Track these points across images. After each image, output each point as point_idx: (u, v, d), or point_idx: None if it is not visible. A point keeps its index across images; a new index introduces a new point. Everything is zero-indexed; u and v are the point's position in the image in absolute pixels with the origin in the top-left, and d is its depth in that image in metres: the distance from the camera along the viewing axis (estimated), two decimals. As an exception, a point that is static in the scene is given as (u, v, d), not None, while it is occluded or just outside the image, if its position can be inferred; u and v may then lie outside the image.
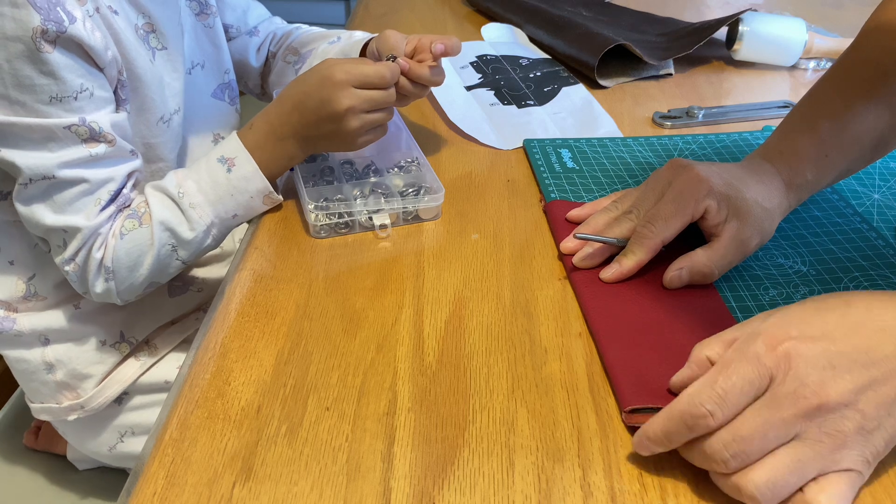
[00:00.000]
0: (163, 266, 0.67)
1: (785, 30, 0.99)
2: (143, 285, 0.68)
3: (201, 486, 0.43)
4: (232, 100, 0.85)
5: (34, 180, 0.62)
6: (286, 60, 0.88)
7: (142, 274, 0.66)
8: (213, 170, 0.66)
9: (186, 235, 0.66)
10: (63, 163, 0.61)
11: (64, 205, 0.63)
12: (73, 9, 0.59)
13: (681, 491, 0.42)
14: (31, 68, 0.58)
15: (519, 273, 0.60)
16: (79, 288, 0.68)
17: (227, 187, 0.66)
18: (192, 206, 0.65)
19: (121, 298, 0.68)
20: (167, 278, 0.70)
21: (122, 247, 0.65)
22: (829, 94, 0.62)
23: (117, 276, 0.66)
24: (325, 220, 0.64)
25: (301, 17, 1.04)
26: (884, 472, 0.43)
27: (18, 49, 0.57)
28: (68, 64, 0.59)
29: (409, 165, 0.73)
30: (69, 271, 0.66)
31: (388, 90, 0.66)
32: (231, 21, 0.87)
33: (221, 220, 0.67)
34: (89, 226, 0.63)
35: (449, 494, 0.42)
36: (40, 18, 0.56)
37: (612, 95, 0.93)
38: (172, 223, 0.65)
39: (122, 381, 0.80)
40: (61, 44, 0.58)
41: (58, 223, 0.63)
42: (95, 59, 0.61)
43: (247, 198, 0.67)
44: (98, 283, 0.66)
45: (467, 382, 0.50)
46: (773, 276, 0.59)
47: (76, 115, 0.61)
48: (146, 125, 0.71)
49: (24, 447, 0.93)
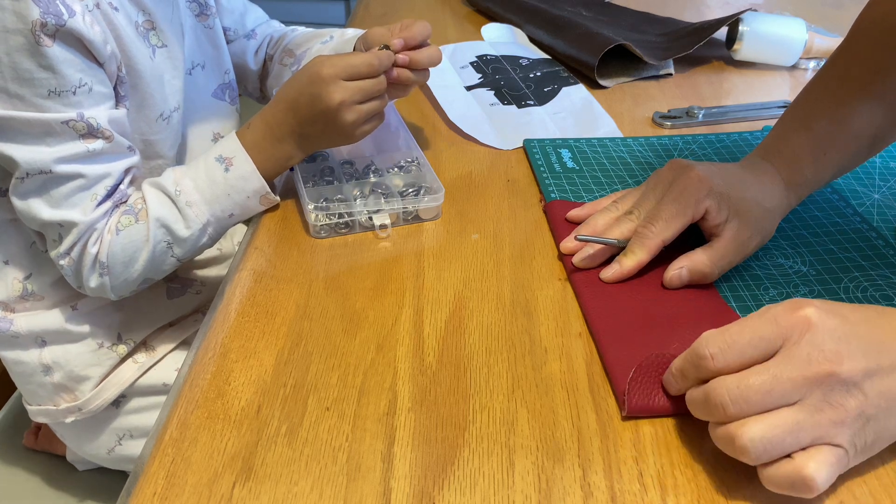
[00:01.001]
0: (157, 263, 0.67)
1: (785, 30, 0.99)
2: (138, 281, 0.68)
3: (201, 486, 0.43)
4: (232, 99, 0.85)
5: (31, 174, 0.62)
6: (282, 63, 0.88)
7: (136, 270, 0.66)
8: (211, 169, 0.66)
9: (182, 233, 0.66)
10: (60, 158, 0.61)
11: (60, 199, 0.63)
12: (73, 3, 0.59)
13: (681, 491, 0.42)
14: (30, 62, 0.58)
15: (519, 273, 0.60)
16: (73, 282, 0.68)
17: (225, 186, 0.66)
18: (189, 204, 0.65)
19: (115, 294, 0.68)
20: (162, 275, 0.70)
21: (117, 242, 0.65)
22: (823, 92, 0.62)
23: (112, 272, 0.66)
24: (325, 220, 0.64)
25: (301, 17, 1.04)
26: (884, 472, 0.43)
27: (18, 42, 0.57)
28: (67, 58, 0.59)
29: (409, 165, 0.72)
30: (64, 265, 0.66)
31: (379, 78, 0.66)
32: (229, 24, 0.87)
33: (218, 220, 0.67)
34: (85, 221, 0.64)
35: (449, 494, 0.42)
36: (39, 11, 0.57)
37: (612, 95, 0.93)
38: (168, 220, 0.65)
39: (120, 384, 0.79)
40: (60, 37, 0.58)
41: (54, 217, 0.63)
42: (94, 54, 0.61)
43: (243, 198, 0.67)
44: (92, 278, 0.66)
45: (467, 382, 0.50)
46: (773, 276, 0.59)
47: (74, 109, 0.61)
48: (146, 122, 0.71)
49: (24, 448, 0.93)
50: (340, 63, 0.64)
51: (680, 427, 0.46)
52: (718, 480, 0.43)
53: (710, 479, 0.43)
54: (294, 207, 0.69)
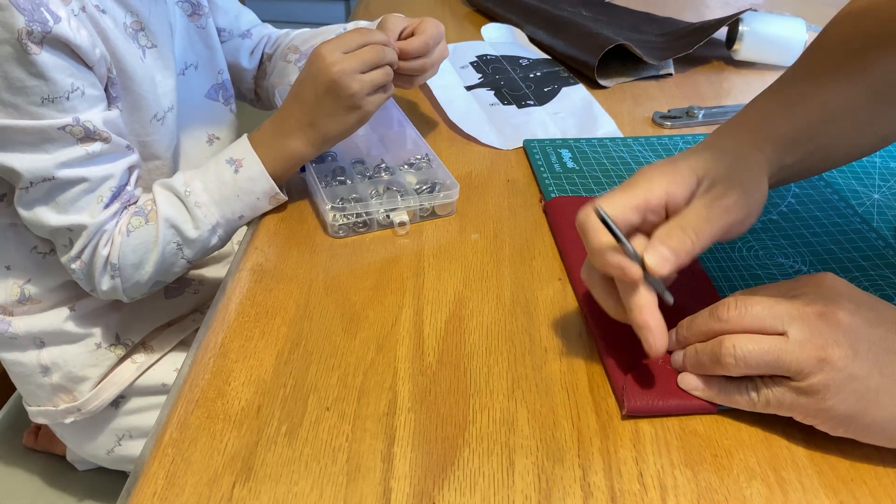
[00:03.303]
0: (168, 264, 0.67)
1: (785, 30, 0.99)
2: (149, 283, 0.68)
3: (201, 486, 0.43)
4: (226, 100, 0.85)
5: (35, 183, 0.62)
6: (287, 60, 0.88)
7: (147, 271, 0.66)
8: (221, 170, 0.67)
9: (191, 234, 0.66)
10: (61, 163, 0.61)
11: (66, 204, 0.63)
12: (58, 8, 0.59)
13: (681, 491, 0.42)
14: (20, 70, 0.58)
15: (519, 273, 0.60)
16: (85, 285, 0.68)
17: (234, 188, 0.66)
18: (198, 204, 0.66)
19: (127, 296, 0.69)
20: (173, 277, 0.70)
21: (127, 244, 0.65)
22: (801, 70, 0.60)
23: (123, 274, 0.66)
24: (343, 220, 0.64)
25: (301, 17, 1.05)
26: (884, 472, 0.43)
27: (6, 51, 0.57)
28: (57, 64, 0.59)
29: (420, 162, 0.73)
30: (75, 269, 0.66)
31: (378, 46, 0.65)
32: (223, 24, 0.87)
33: (227, 221, 0.67)
34: (94, 223, 0.64)
35: (449, 494, 0.42)
36: (24, 20, 0.56)
37: (612, 95, 0.93)
38: (177, 221, 0.65)
39: (119, 384, 0.79)
40: (48, 44, 0.58)
41: (62, 223, 0.63)
42: (83, 58, 0.61)
43: (253, 199, 0.67)
44: (104, 280, 0.66)
45: (467, 382, 0.50)
46: (773, 276, 0.59)
47: (69, 115, 0.61)
48: (140, 123, 0.71)
49: (24, 447, 0.93)
50: (337, 41, 0.65)
51: (680, 427, 0.46)
52: (718, 480, 0.43)
53: (710, 479, 0.43)
54: (294, 208, 0.69)
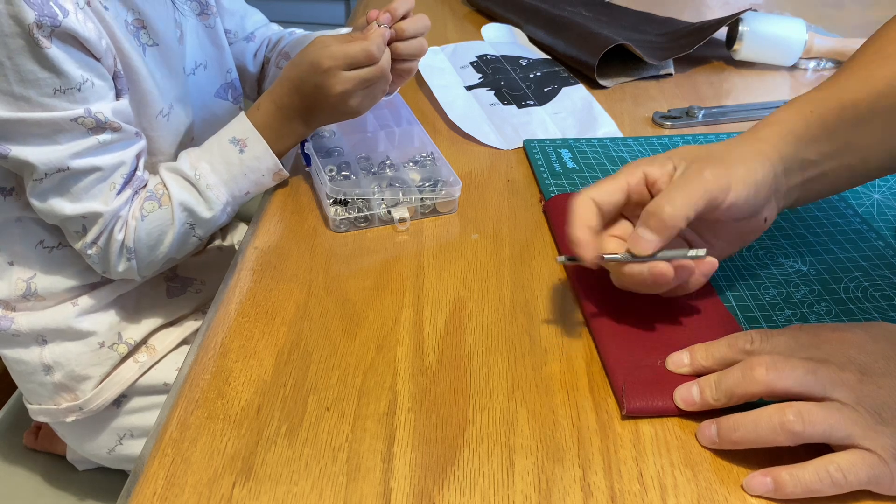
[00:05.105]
0: (182, 243, 0.71)
1: (785, 30, 0.99)
2: (162, 261, 0.72)
3: (201, 486, 0.43)
4: (235, 99, 0.86)
5: (49, 174, 0.63)
6: (278, 66, 0.89)
7: (162, 251, 0.70)
8: (226, 150, 0.69)
9: (205, 215, 0.69)
10: (74, 153, 0.63)
11: (80, 193, 0.65)
12: (65, 2, 0.60)
13: (681, 491, 0.42)
14: (32, 63, 0.59)
15: (519, 273, 0.60)
16: (100, 268, 0.71)
17: (241, 167, 0.69)
18: (209, 186, 0.68)
19: (141, 275, 0.72)
20: (184, 254, 0.74)
21: (143, 228, 0.68)
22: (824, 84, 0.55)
23: (139, 256, 0.69)
24: (345, 215, 0.66)
25: (301, 18, 1.05)
26: (884, 472, 0.43)
27: (18, 45, 0.58)
28: (67, 57, 0.60)
29: (424, 160, 0.74)
30: (91, 254, 0.69)
31: (379, 65, 0.67)
32: (230, 27, 0.87)
33: (235, 199, 0.71)
34: (108, 210, 0.66)
35: (449, 494, 0.42)
36: (34, 14, 0.57)
37: (612, 95, 0.93)
38: (191, 204, 0.68)
39: (121, 383, 0.79)
40: (58, 37, 0.59)
41: (77, 211, 0.65)
42: (91, 50, 0.62)
43: (258, 176, 0.70)
44: (121, 263, 0.69)
45: (467, 382, 0.50)
46: (773, 276, 0.59)
47: (81, 106, 0.62)
48: (146, 118, 0.72)
49: (24, 447, 0.93)
50: (339, 54, 0.65)
51: (680, 427, 0.46)
52: (718, 480, 0.43)
53: (710, 479, 0.43)
54: (294, 208, 0.70)
